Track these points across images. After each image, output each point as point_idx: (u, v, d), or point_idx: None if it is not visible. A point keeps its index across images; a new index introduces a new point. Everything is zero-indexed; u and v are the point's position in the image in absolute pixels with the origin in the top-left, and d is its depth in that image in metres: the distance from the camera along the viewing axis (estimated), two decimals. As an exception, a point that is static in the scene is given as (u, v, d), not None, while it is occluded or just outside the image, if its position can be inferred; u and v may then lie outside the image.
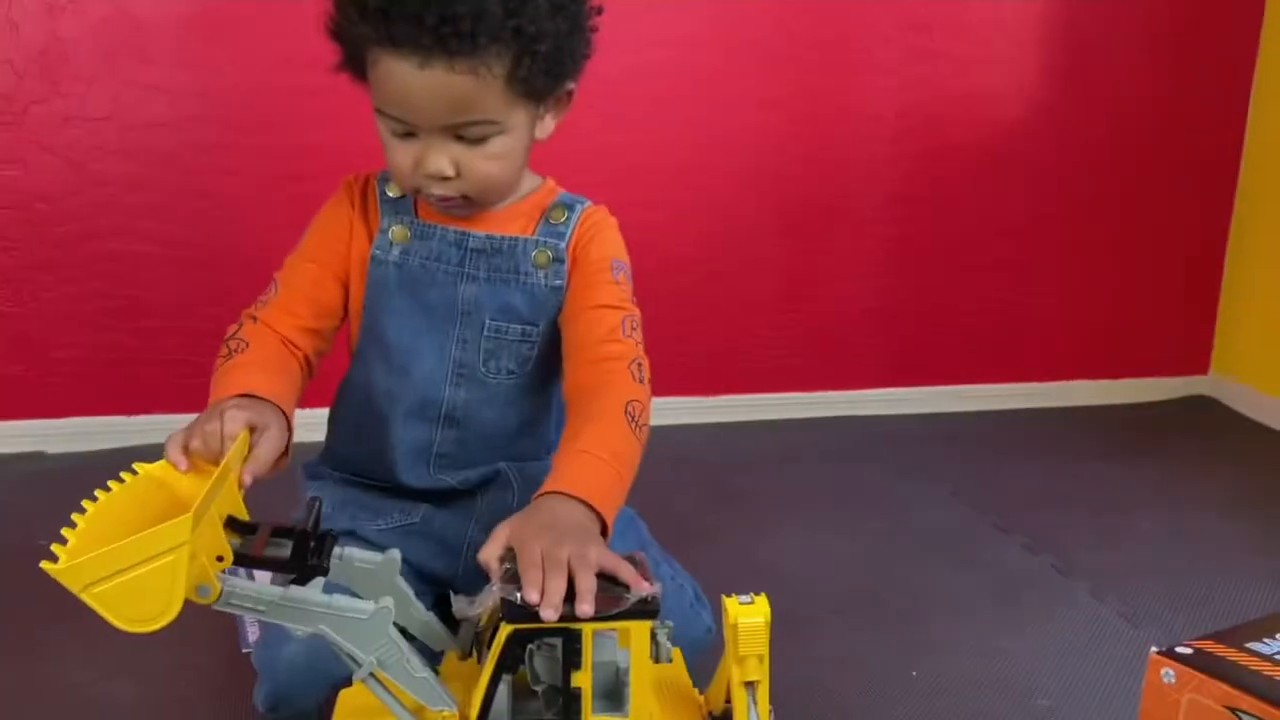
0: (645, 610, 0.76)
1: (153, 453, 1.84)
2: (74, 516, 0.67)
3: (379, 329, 1.05)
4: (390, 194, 1.04)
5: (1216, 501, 1.67)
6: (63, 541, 0.65)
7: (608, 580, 0.78)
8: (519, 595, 0.74)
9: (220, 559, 0.71)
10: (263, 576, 0.95)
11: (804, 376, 2.01)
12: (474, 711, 0.76)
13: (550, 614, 0.73)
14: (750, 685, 0.77)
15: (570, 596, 0.75)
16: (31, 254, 1.68)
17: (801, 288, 1.98)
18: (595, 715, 0.77)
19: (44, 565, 0.63)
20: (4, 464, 1.68)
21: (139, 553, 0.64)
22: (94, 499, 0.70)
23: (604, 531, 0.86)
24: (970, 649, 1.22)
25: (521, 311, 1.04)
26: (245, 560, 0.74)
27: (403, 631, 0.79)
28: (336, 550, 0.80)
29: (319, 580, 0.76)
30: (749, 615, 0.76)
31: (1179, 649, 0.76)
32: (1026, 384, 2.12)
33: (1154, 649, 0.77)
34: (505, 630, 0.75)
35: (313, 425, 1.12)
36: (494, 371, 1.05)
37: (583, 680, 0.76)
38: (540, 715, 0.78)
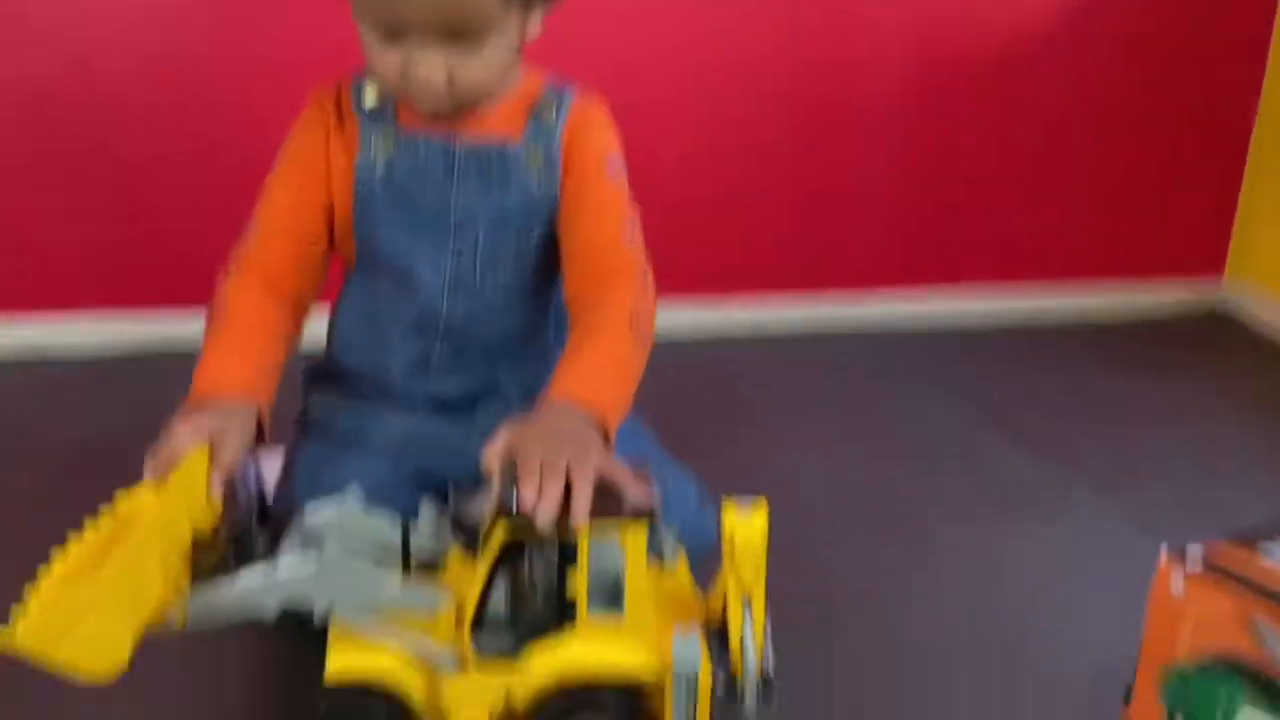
0: (641, 515, 0.76)
1: (154, 352, 1.84)
2: (36, 581, 0.68)
3: (372, 246, 1.03)
4: (367, 104, 1.01)
5: (1228, 412, 1.66)
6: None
7: (607, 486, 0.78)
8: (515, 498, 0.75)
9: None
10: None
11: (812, 285, 1.99)
12: (470, 609, 0.77)
13: (545, 518, 0.74)
14: (746, 594, 0.77)
15: (567, 501, 0.75)
16: (31, 149, 1.66)
17: (811, 195, 1.94)
18: (591, 617, 0.78)
19: None
20: (5, 363, 1.69)
21: (79, 597, 0.67)
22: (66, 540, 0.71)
23: (606, 439, 0.86)
24: (977, 556, 1.23)
25: (516, 218, 1.02)
26: (195, 575, 0.77)
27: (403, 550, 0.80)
28: (299, 520, 0.82)
29: (294, 557, 0.78)
30: (746, 526, 0.76)
31: (1188, 556, 0.76)
32: (1040, 293, 2.09)
33: (1163, 557, 0.76)
34: (501, 532, 0.75)
35: (312, 329, 1.12)
36: (491, 282, 1.04)
37: (578, 582, 0.77)
38: (539, 614, 0.79)
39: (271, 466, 1.19)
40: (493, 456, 0.81)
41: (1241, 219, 2.13)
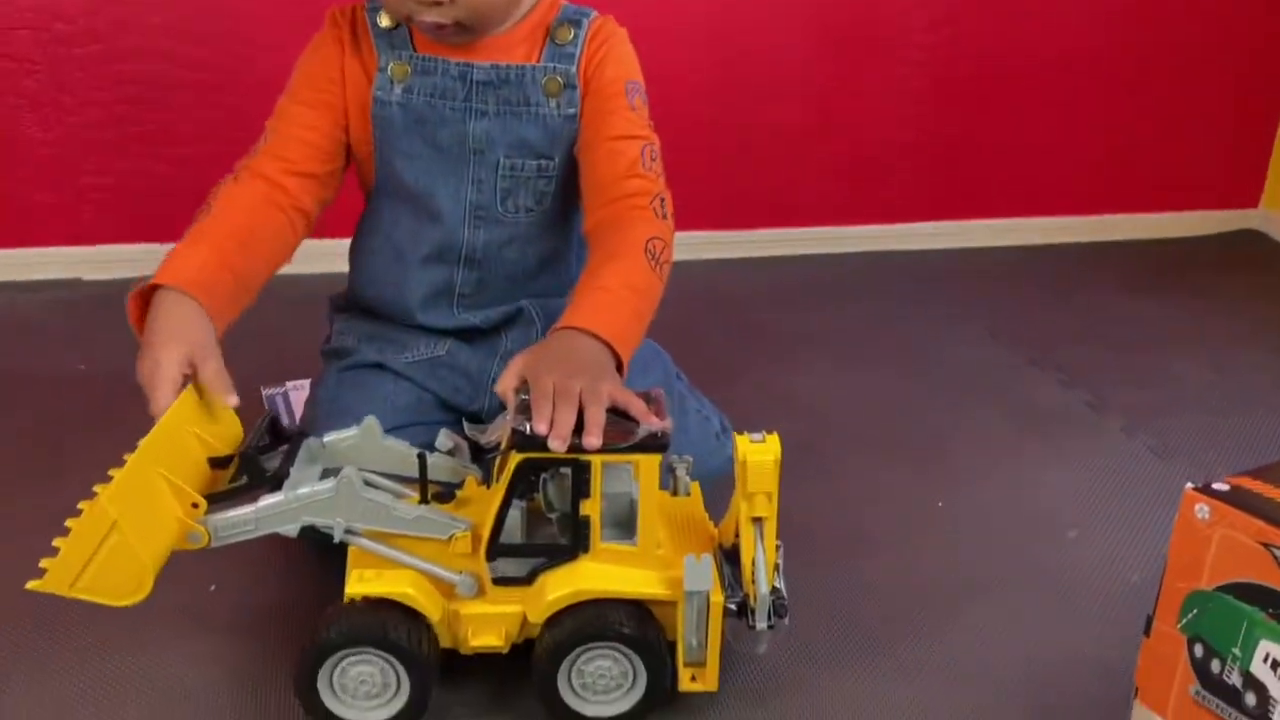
0: (654, 445, 0.76)
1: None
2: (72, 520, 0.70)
3: (393, 172, 1.02)
4: (382, 24, 0.99)
5: (1257, 339, 1.62)
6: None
7: (620, 415, 0.78)
8: (529, 425, 0.75)
9: (195, 505, 0.76)
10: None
11: (836, 210, 1.95)
12: (486, 535, 0.78)
13: (558, 445, 0.74)
14: (758, 521, 0.77)
15: (579, 429, 0.75)
16: (53, 76, 1.65)
17: (835, 117, 1.89)
18: (604, 543, 0.79)
19: (30, 585, 0.70)
20: (41, 290, 1.70)
21: (88, 540, 0.70)
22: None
23: (620, 367, 0.85)
24: (999, 482, 1.22)
25: (536, 145, 1.00)
26: (216, 498, 0.78)
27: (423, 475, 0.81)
28: (315, 440, 0.84)
29: (313, 476, 0.80)
30: (759, 453, 0.76)
31: (1215, 485, 0.75)
32: (1067, 218, 2.04)
33: (1189, 485, 0.75)
34: (515, 459, 0.75)
35: (340, 255, 1.12)
36: (512, 210, 1.03)
37: (592, 509, 0.77)
38: (554, 539, 0.80)
39: (299, 398, 1.20)
40: (507, 384, 0.81)
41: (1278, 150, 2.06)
